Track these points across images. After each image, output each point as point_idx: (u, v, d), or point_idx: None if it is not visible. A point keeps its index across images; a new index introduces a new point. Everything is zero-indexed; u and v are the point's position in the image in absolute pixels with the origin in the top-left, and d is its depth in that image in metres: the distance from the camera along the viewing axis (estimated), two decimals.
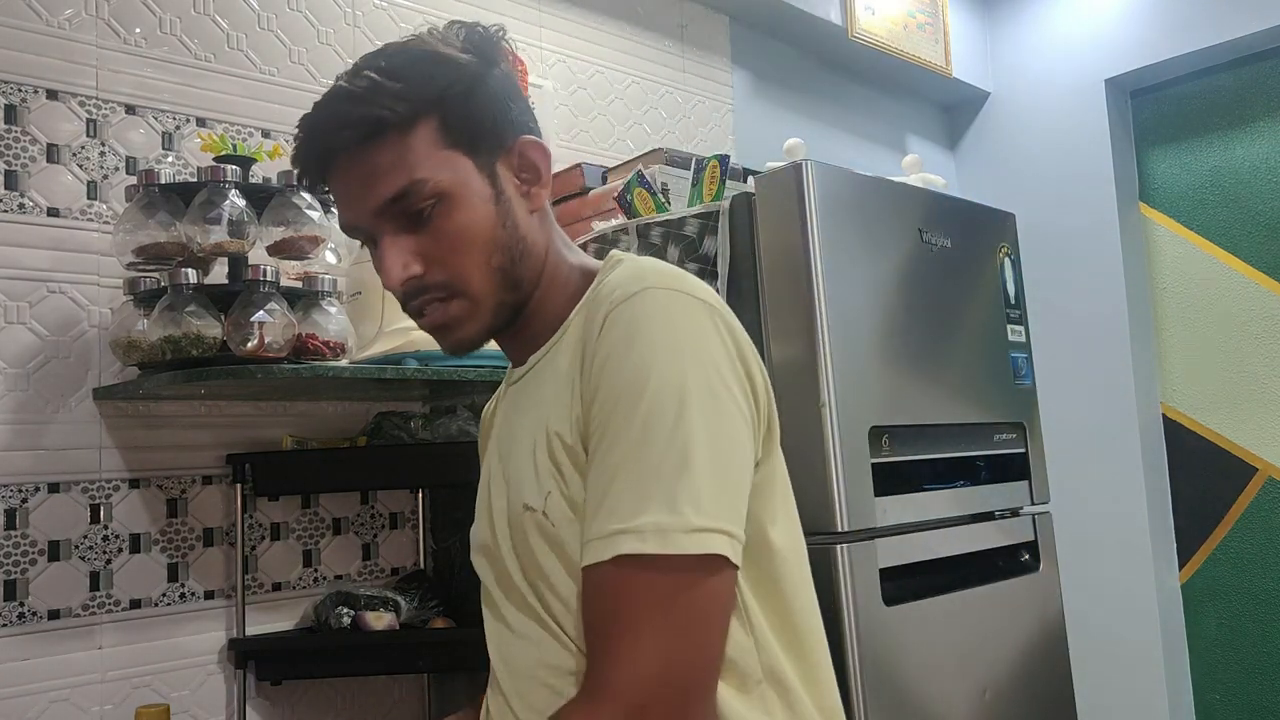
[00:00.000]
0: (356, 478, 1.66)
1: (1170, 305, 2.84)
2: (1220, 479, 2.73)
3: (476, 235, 0.83)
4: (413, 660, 1.60)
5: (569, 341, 0.84)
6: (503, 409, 0.96)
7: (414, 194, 0.81)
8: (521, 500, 0.82)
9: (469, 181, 0.83)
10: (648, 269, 0.80)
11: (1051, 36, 2.95)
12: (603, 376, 0.75)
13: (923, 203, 1.67)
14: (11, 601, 1.40)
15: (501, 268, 0.85)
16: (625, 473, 0.72)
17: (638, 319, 0.76)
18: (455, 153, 0.83)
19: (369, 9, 1.85)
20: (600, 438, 0.74)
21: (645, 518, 0.70)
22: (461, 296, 0.84)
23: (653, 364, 0.73)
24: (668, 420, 0.72)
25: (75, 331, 1.49)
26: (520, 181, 0.87)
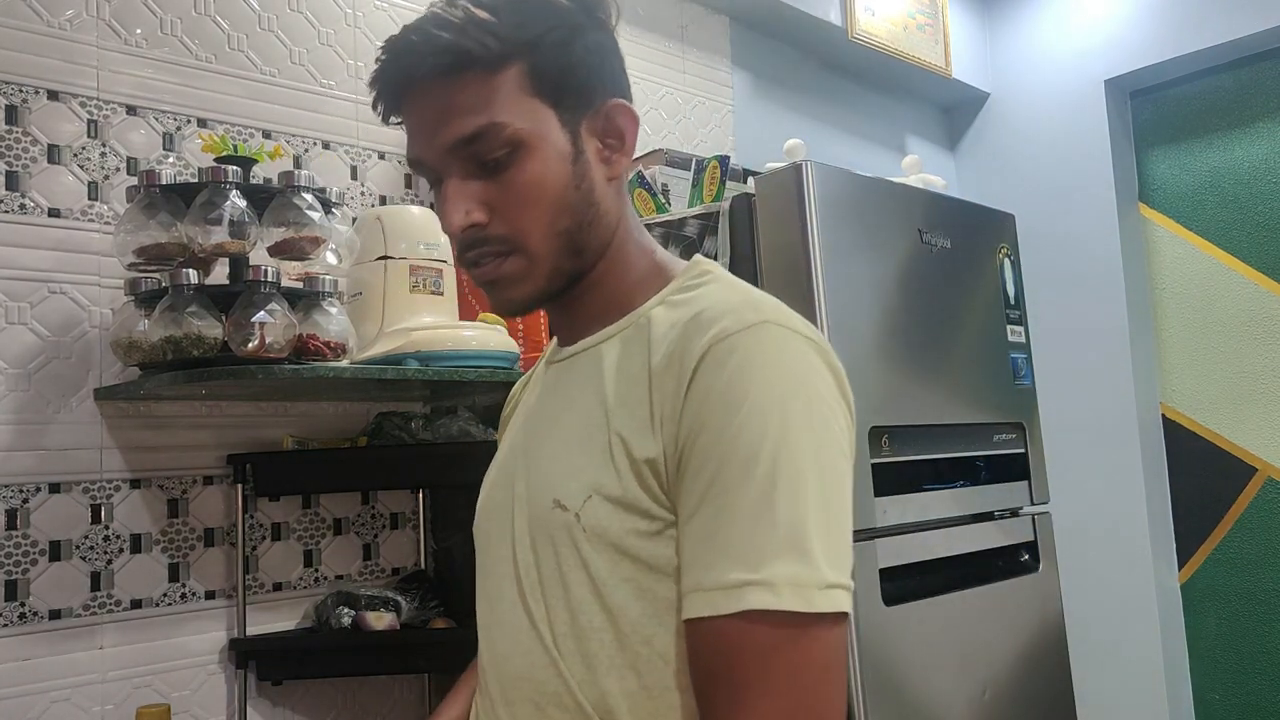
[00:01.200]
0: (357, 478, 1.67)
1: (1170, 306, 2.85)
2: (1220, 479, 2.73)
3: (547, 192, 0.79)
4: (413, 660, 1.60)
5: (643, 341, 0.79)
6: (538, 387, 0.91)
7: (490, 137, 0.77)
8: (552, 495, 0.78)
9: (549, 134, 0.79)
10: (759, 299, 0.77)
11: (1051, 37, 2.96)
12: (712, 411, 0.70)
13: (923, 203, 1.67)
14: (12, 601, 1.40)
15: (567, 231, 0.80)
16: (746, 519, 0.67)
17: (754, 356, 0.71)
18: (540, 102, 0.78)
19: (369, 10, 1.86)
20: (711, 479, 0.69)
21: (777, 569, 0.66)
22: (520, 254, 0.80)
23: (771, 408, 0.69)
24: (789, 468, 0.68)
25: (76, 332, 1.49)
26: (603, 146, 0.82)
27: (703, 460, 0.70)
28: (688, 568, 0.70)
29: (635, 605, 0.74)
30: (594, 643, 0.75)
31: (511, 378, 1.56)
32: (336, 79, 1.80)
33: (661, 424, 0.73)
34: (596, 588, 0.74)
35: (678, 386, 0.73)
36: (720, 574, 0.67)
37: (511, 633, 0.81)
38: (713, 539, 0.69)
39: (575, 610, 0.75)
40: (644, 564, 0.73)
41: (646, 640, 0.74)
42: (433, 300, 1.57)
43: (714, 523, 0.69)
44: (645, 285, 0.85)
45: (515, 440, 0.89)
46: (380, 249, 1.56)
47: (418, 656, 1.60)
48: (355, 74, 1.82)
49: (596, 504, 0.74)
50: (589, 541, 0.74)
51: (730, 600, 0.67)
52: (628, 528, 0.73)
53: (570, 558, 0.76)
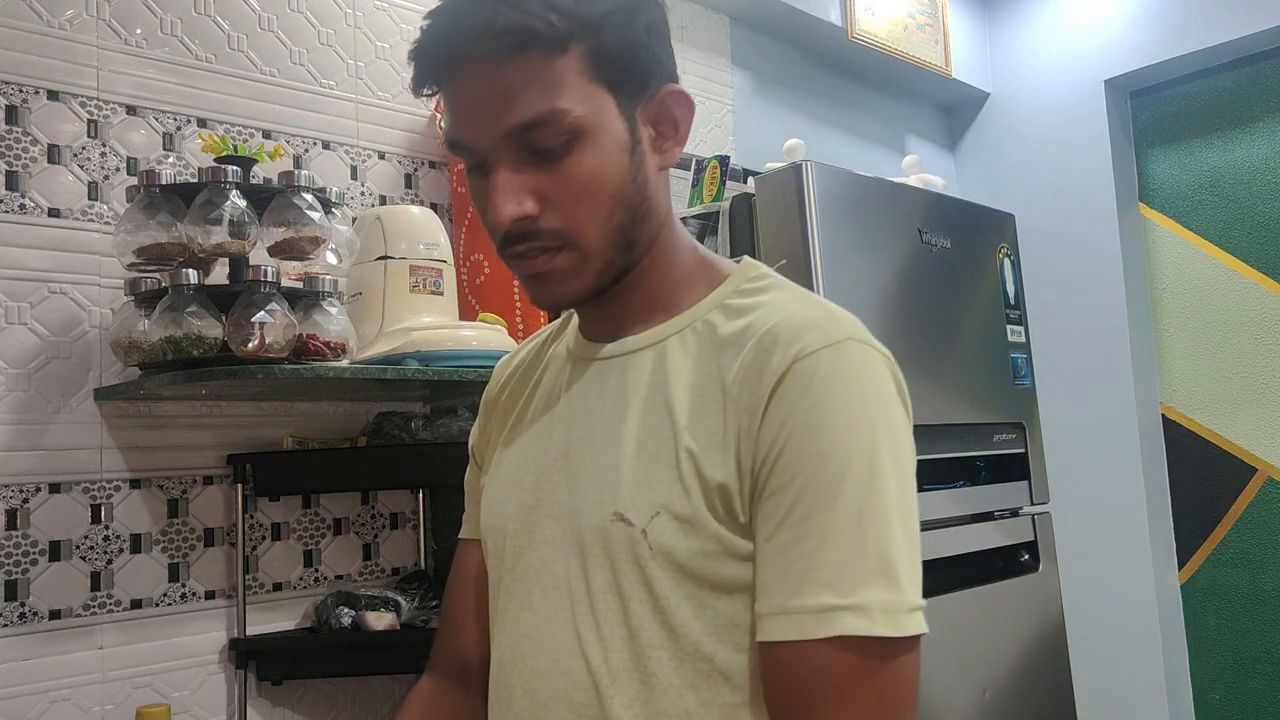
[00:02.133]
0: (357, 478, 1.67)
1: (1170, 306, 2.85)
2: (1220, 479, 2.73)
3: (605, 184, 0.74)
4: (413, 660, 1.60)
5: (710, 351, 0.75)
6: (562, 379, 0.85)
7: (550, 125, 0.71)
8: (613, 507, 0.74)
9: (608, 124, 0.74)
10: (834, 312, 0.74)
11: (1051, 38, 2.96)
12: (796, 431, 0.68)
13: (922, 203, 1.67)
14: (12, 601, 1.40)
15: (621, 225, 0.76)
16: (835, 543, 0.66)
17: (838, 376, 0.69)
18: (601, 88, 0.74)
19: (369, 10, 1.86)
20: (795, 500, 0.67)
21: (869, 594, 0.65)
22: (573, 249, 0.75)
23: (858, 431, 0.68)
24: (877, 492, 0.67)
25: (76, 332, 1.49)
26: (657, 134, 0.78)
27: (785, 480, 0.68)
28: (769, 589, 0.68)
29: (696, 623, 0.71)
30: (652, 661, 0.72)
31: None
32: (337, 79, 1.80)
33: (737, 441, 0.70)
34: (659, 605, 0.72)
35: (755, 403, 0.70)
36: (808, 598, 0.66)
37: (550, 649, 0.76)
38: (799, 562, 0.67)
39: (634, 629, 0.72)
40: (707, 582, 0.71)
41: (707, 658, 0.71)
42: (433, 300, 1.57)
43: (800, 545, 0.67)
44: (692, 283, 0.81)
45: (543, 437, 0.83)
46: (380, 249, 1.56)
47: (418, 656, 1.59)
48: (355, 74, 1.82)
49: (664, 522, 0.71)
50: (655, 559, 0.71)
51: (821, 625, 0.65)
52: (695, 548, 0.71)
53: (631, 574, 0.72)
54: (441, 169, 1.90)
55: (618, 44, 0.74)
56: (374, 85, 1.84)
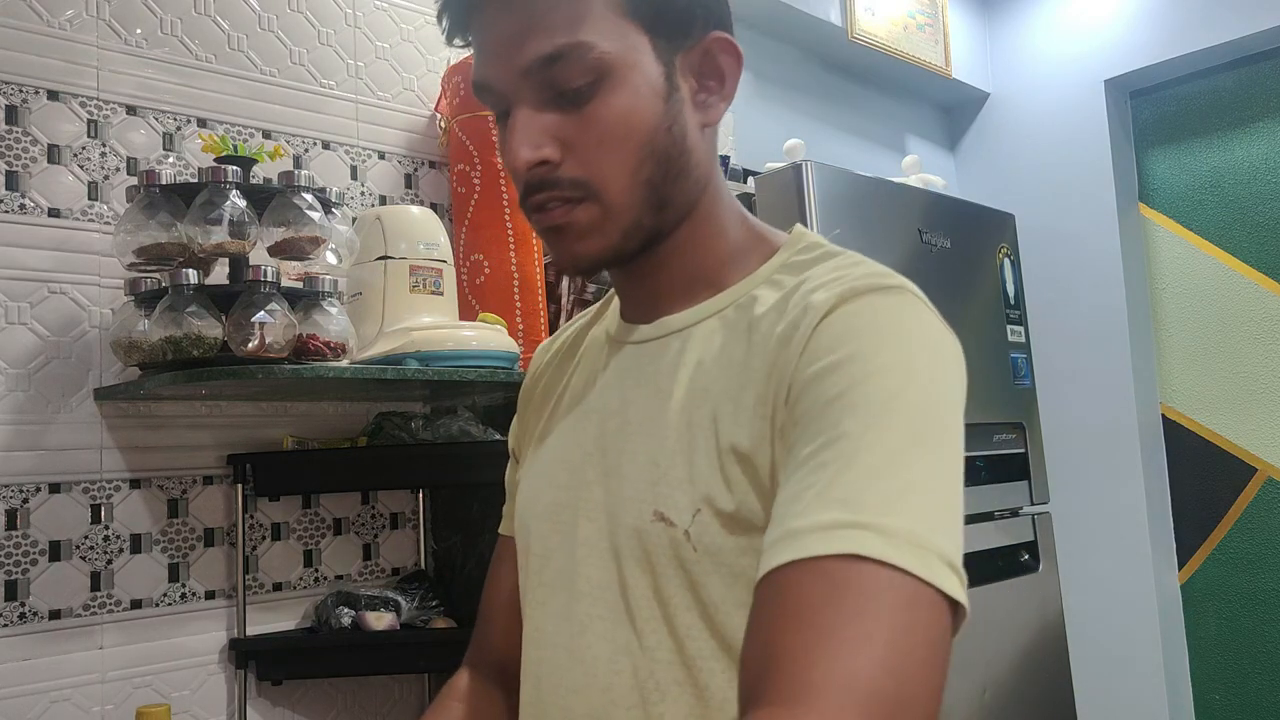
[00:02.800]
0: (357, 478, 1.67)
1: (1170, 305, 2.85)
2: (1220, 479, 2.73)
3: (634, 131, 0.66)
4: (413, 660, 1.60)
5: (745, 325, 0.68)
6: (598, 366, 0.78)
7: (573, 60, 0.65)
8: (653, 506, 0.66)
9: (641, 65, 0.67)
10: (879, 267, 0.66)
11: (1051, 37, 2.96)
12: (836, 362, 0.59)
13: (922, 203, 1.68)
14: (12, 602, 1.40)
15: (651, 180, 0.68)
16: (861, 463, 0.55)
17: (892, 317, 0.61)
18: (634, 26, 0.67)
19: (369, 10, 1.86)
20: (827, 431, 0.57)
21: (895, 520, 0.52)
22: (594, 201, 0.67)
23: (914, 366, 0.59)
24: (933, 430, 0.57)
25: (76, 332, 1.49)
26: (699, 87, 0.70)
27: (817, 409, 0.58)
28: (773, 522, 0.56)
29: None
30: (704, 673, 0.64)
31: (512, 378, 1.56)
32: (336, 79, 1.80)
33: (774, 410, 0.62)
34: (707, 612, 0.64)
35: (792, 353, 0.62)
36: (816, 515, 0.53)
37: (587, 663, 0.69)
38: (814, 485, 0.55)
39: (681, 638, 0.65)
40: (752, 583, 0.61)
41: None
42: (433, 300, 1.57)
43: (821, 471, 0.55)
44: (742, 258, 0.73)
45: (578, 430, 0.76)
46: (380, 249, 1.56)
47: (418, 656, 1.60)
48: (355, 74, 1.82)
49: (707, 520, 0.64)
50: (700, 562, 0.64)
51: (827, 540, 0.52)
52: (743, 546, 0.63)
53: (675, 579, 0.65)
54: (441, 169, 1.90)
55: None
56: (374, 85, 1.84)
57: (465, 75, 1.78)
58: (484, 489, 1.68)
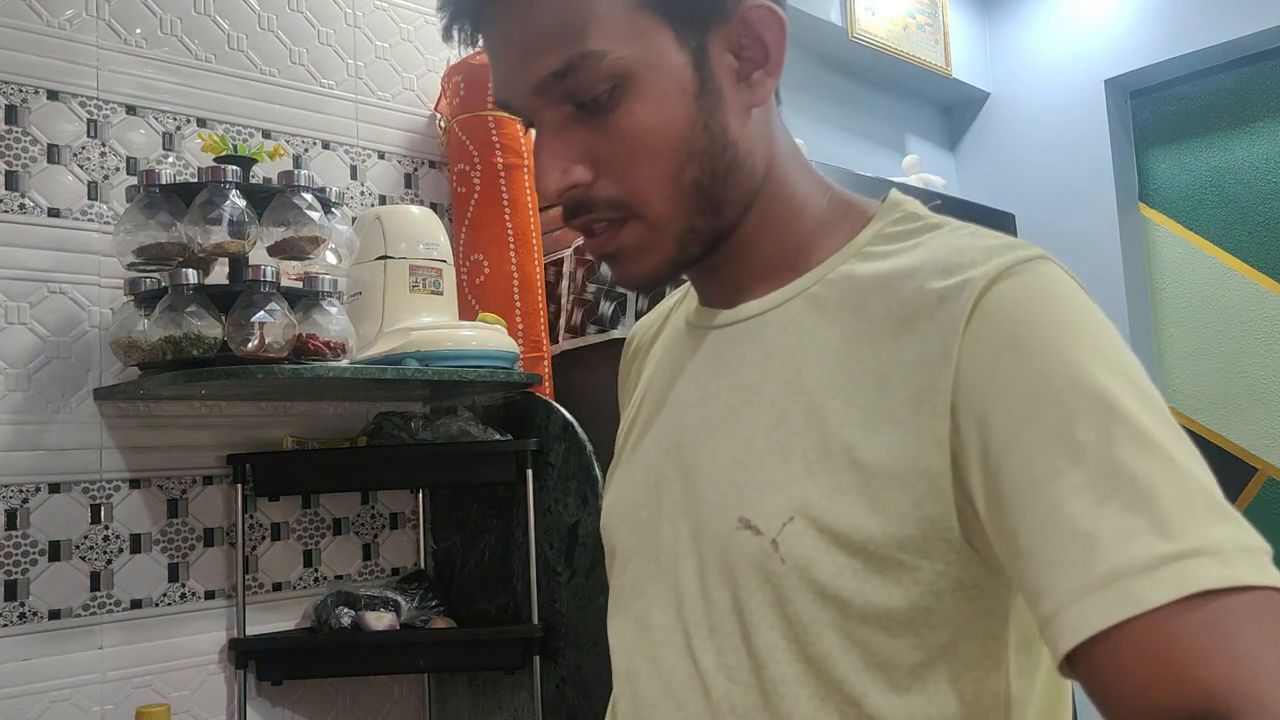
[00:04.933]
0: (357, 478, 1.67)
1: (1170, 306, 2.85)
2: (1220, 479, 2.67)
3: (665, 138, 0.60)
4: (413, 660, 1.60)
5: (849, 306, 0.61)
6: (680, 352, 0.71)
7: (584, 72, 0.59)
8: (736, 512, 0.60)
9: (663, 62, 0.60)
10: (1018, 240, 0.59)
11: (1051, 37, 2.96)
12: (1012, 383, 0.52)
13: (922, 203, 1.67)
14: (12, 602, 1.40)
15: (697, 184, 0.62)
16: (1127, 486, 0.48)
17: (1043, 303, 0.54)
18: (650, 17, 0.60)
19: (369, 9, 1.86)
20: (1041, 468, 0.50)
21: (1210, 532, 0.47)
22: (637, 220, 0.62)
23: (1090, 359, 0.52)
24: (1163, 423, 0.51)
25: (76, 332, 1.49)
26: (740, 62, 0.63)
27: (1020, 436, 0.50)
28: (1049, 587, 0.48)
29: (843, 657, 0.56)
30: (786, 700, 0.58)
31: (512, 377, 1.56)
32: (336, 79, 1.80)
33: (909, 407, 0.55)
34: (794, 632, 0.58)
35: (937, 348, 0.55)
36: (1123, 556, 0.46)
37: (664, 676, 0.64)
38: (1080, 524, 0.48)
39: (762, 659, 0.59)
40: (856, 611, 0.56)
41: (854, 700, 0.56)
42: (432, 300, 1.57)
43: (1081, 512, 0.48)
44: (828, 232, 0.66)
45: (659, 424, 0.70)
46: (380, 249, 1.56)
47: (417, 656, 1.60)
48: (355, 73, 1.82)
49: (800, 530, 0.57)
50: (788, 576, 0.57)
51: (1159, 583, 0.45)
52: (840, 564, 0.56)
53: (758, 593, 0.59)
54: (441, 169, 1.90)
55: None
56: (374, 85, 1.84)
57: (465, 75, 1.78)
58: (484, 489, 1.69)
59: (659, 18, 0.60)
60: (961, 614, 0.56)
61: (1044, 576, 0.49)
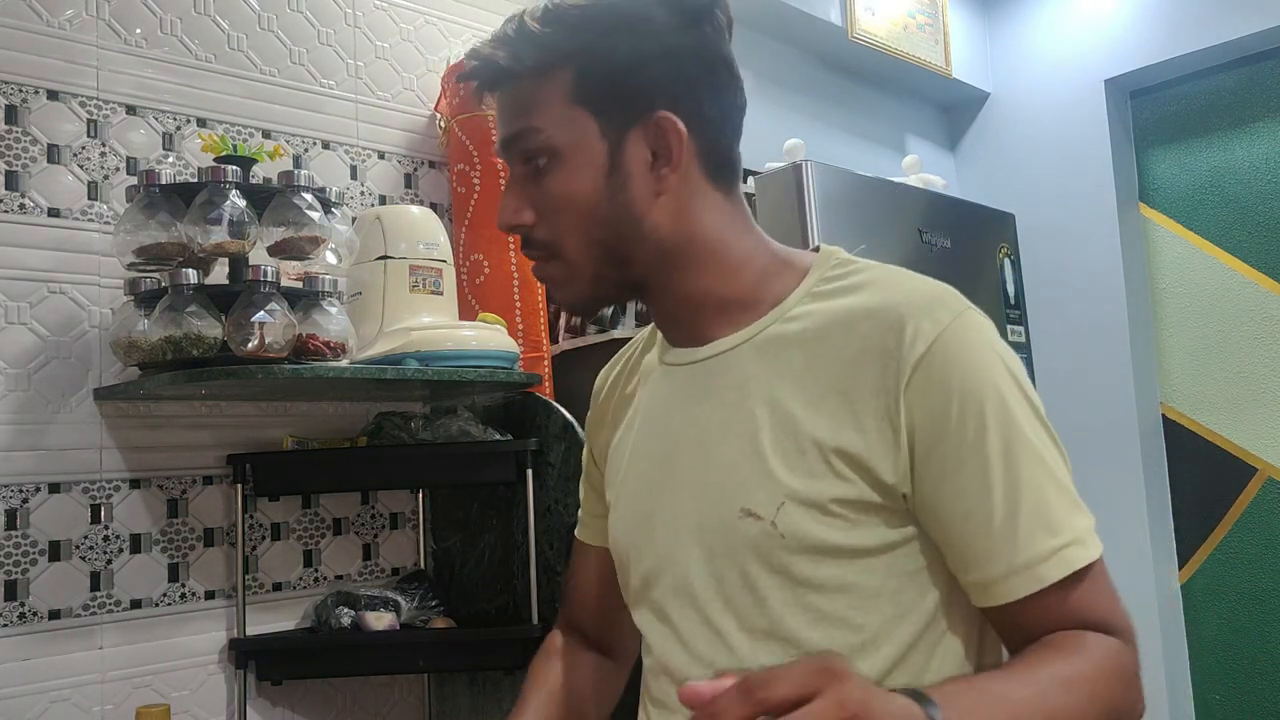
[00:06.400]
0: (357, 478, 1.66)
1: (1170, 306, 2.84)
2: (1220, 479, 2.73)
3: (576, 203, 0.79)
4: (413, 660, 1.60)
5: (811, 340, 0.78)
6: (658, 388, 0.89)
7: (526, 140, 0.80)
8: (738, 504, 0.77)
9: (584, 145, 0.79)
10: (945, 287, 0.79)
11: (1051, 37, 2.95)
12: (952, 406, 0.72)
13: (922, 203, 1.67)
14: (12, 602, 1.40)
15: (603, 242, 0.80)
16: (1028, 491, 0.72)
17: (975, 347, 0.75)
18: (583, 110, 0.78)
19: (369, 9, 1.86)
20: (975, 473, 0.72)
21: (1076, 524, 0.73)
22: (559, 260, 0.82)
23: (1006, 389, 0.74)
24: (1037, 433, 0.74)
25: (76, 332, 1.49)
26: (653, 158, 0.80)
27: (958, 456, 0.72)
28: (982, 559, 0.72)
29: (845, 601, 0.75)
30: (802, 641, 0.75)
31: (512, 377, 1.56)
32: (336, 79, 1.80)
33: (874, 415, 0.74)
34: (802, 592, 0.75)
35: (893, 382, 0.73)
36: (1032, 548, 0.71)
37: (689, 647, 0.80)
38: (1004, 521, 0.71)
39: (777, 616, 0.76)
40: (844, 555, 0.74)
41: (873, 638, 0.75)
42: (432, 300, 1.57)
43: (997, 507, 0.71)
44: (772, 281, 0.83)
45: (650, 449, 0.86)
46: (380, 249, 1.56)
47: (417, 656, 1.60)
48: (355, 73, 1.82)
49: (791, 509, 0.75)
50: (787, 545, 0.75)
51: (1054, 567, 0.71)
52: (824, 526, 0.74)
53: (763, 566, 0.76)
54: (441, 169, 1.90)
55: (603, 69, 0.78)
56: (374, 85, 1.84)
57: None
58: (484, 489, 1.69)
59: (589, 112, 0.78)
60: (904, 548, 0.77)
61: (979, 558, 0.73)
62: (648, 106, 0.78)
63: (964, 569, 0.74)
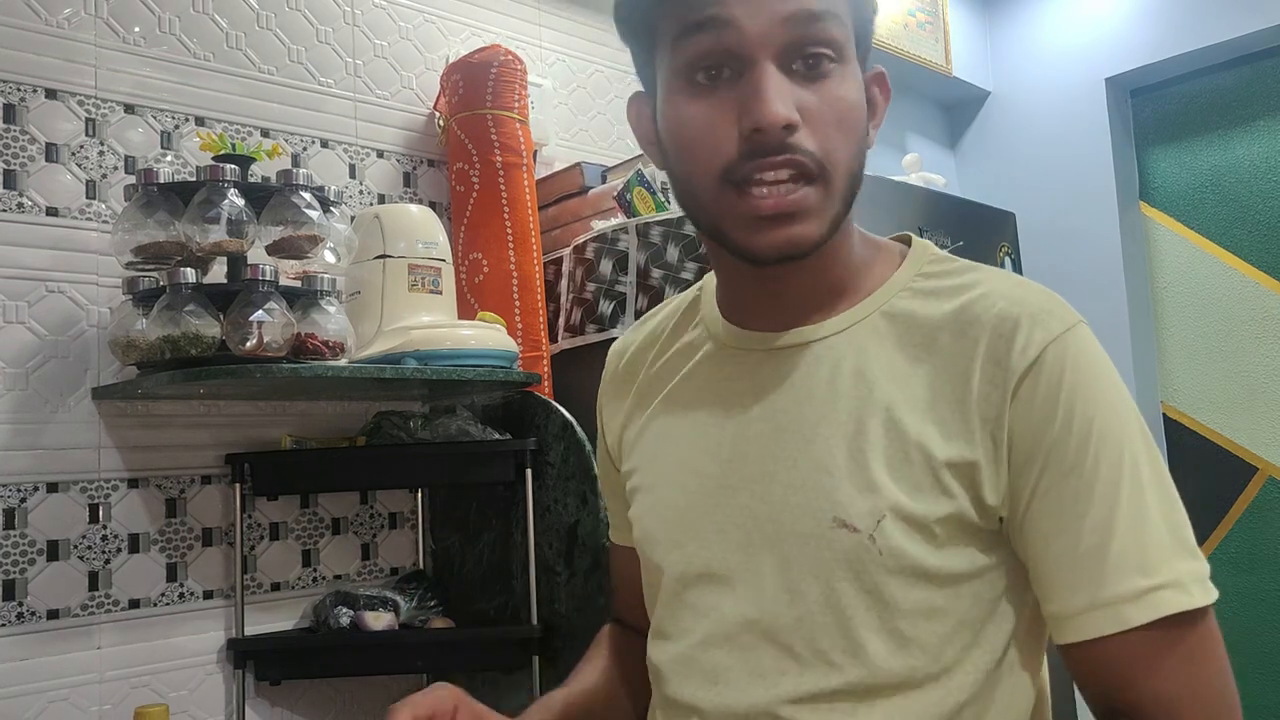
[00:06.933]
0: (356, 477, 1.66)
1: (1171, 304, 2.84)
2: (1221, 478, 2.72)
3: (857, 117, 0.70)
4: (412, 660, 1.60)
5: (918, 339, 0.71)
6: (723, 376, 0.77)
7: (831, 23, 0.68)
8: (831, 513, 0.69)
9: (854, 64, 0.72)
10: (1055, 296, 0.73)
11: (1052, 35, 2.95)
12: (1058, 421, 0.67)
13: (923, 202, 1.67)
14: (10, 601, 1.40)
15: (856, 175, 0.71)
16: (1126, 526, 0.66)
17: (1087, 364, 0.68)
18: (851, 30, 0.72)
19: (368, 8, 1.85)
20: (1074, 493, 0.66)
21: (1177, 567, 0.66)
22: (823, 181, 0.68)
23: (1118, 414, 0.68)
24: (1152, 470, 0.68)
25: (74, 331, 1.48)
26: (870, 103, 0.75)
27: (1056, 472, 0.67)
28: (1067, 587, 0.67)
29: (929, 628, 0.68)
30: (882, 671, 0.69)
31: (511, 377, 1.56)
32: (335, 77, 1.79)
33: (981, 426, 0.68)
34: (890, 615, 0.68)
35: (1001, 389, 0.68)
36: (1118, 585, 0.65)
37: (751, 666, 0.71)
38: (1093, 553, 0.66)
39: (857, 641, 0.68)
40: (937, 581, 0.68)
41: (947, 668, 0.69)
42: (431, 299, 1.57)
43: (1089, 537, 0.66)
44: (866, 265, 0.76)
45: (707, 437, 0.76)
46: (379, 248, 1.56)
47: (416, 656, 1.59)
48: (354, 72, 1.82)
49: (891, 525, 0.67)
50: (885, 564, 0.68)
51: (1141, 609, 0.64)
52: (929, 550, 0.68)
53: (853, 583, 0.68)
54: (440, 167, 1.89)
55: (867, 17, 0.73)
56: (372, 83, 1.84)
57: (464, 73, 1.77)
58: (483, 489, 1.68)
59: (853, 35, 0.71)
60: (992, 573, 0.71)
61: (1061, 588, 0.67)
62: (871, 57, 0.75)
63: (1046, 598, 0.69)
